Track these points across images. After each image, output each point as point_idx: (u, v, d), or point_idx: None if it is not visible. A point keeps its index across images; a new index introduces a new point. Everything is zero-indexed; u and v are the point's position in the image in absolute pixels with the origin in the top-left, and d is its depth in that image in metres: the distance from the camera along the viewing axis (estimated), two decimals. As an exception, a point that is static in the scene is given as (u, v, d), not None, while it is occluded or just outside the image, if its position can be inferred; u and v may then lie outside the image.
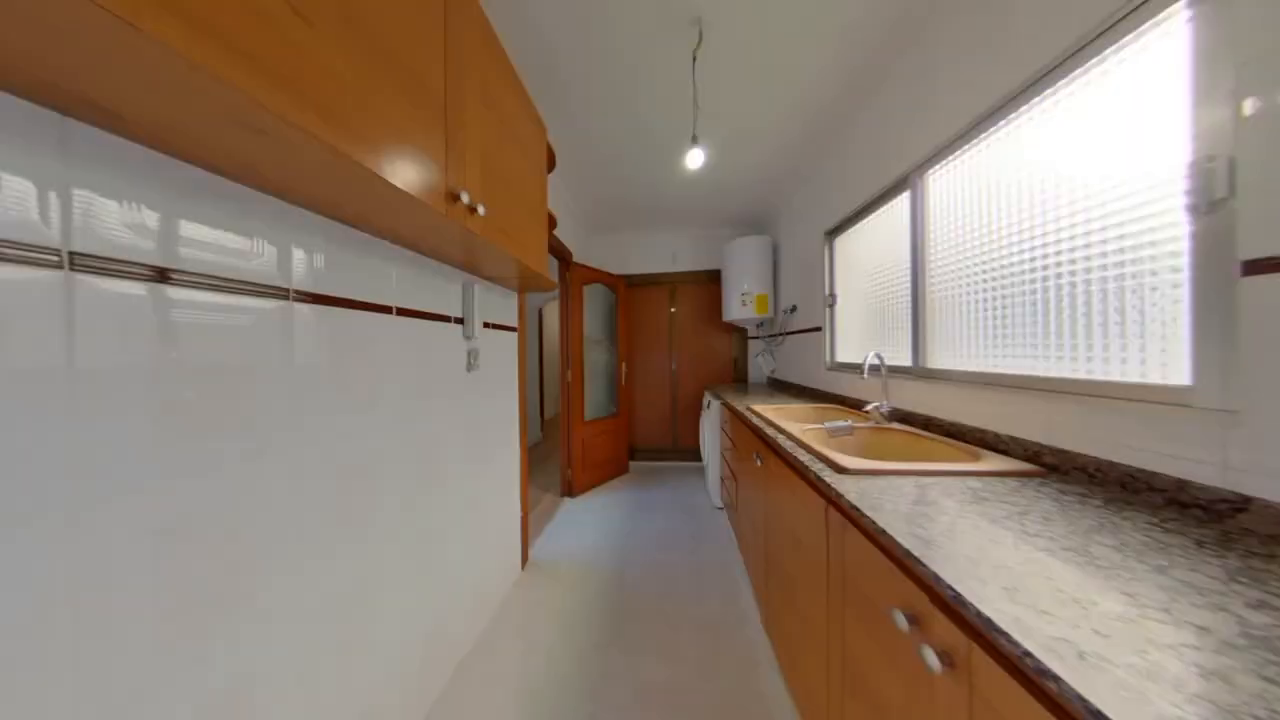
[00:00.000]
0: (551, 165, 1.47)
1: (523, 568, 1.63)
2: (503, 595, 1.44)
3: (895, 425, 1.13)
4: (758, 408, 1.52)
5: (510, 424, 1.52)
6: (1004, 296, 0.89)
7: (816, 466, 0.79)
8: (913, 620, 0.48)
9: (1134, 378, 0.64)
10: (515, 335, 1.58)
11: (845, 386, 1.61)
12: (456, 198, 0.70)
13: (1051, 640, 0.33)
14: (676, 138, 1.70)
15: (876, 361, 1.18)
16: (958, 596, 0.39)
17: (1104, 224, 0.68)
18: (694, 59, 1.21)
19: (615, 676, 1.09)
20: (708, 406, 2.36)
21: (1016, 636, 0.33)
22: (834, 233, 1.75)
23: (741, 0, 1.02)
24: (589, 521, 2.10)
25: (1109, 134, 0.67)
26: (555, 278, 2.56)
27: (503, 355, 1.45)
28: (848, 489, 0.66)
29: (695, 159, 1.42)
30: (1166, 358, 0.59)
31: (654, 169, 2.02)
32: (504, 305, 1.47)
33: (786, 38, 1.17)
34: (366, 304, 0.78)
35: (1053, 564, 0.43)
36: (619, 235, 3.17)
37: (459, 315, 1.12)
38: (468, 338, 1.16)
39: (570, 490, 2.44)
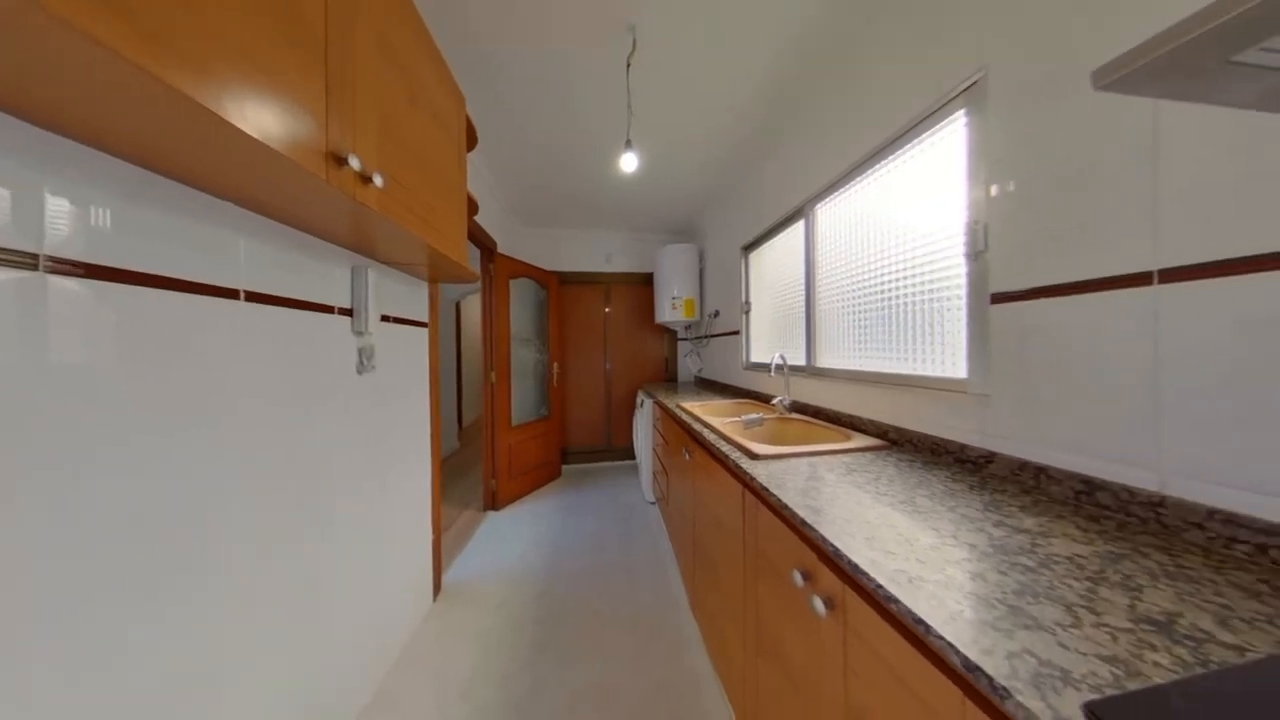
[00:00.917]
0: (473, 143, 1.33)
1: (435, 597, 1.43)
2: (410, 631, 1.24)
3: (794, 415, 1.35)
4: (686, 405, 1.63)
5: (419, 433, 1.31)
6: (866, 311, 1.15)
7: (735, 455, 0.89)
8: (806, 576, 0.57)
9: (939, 373, 0.88)
10: (426, 331, 1.38)
11: (758, 383, 1.85)
12: (342, 161, 0.58)
13: (894, 572, 0.43)
14: (612, 139, 1.71)
15: (781, 361, 1.38)
16: (836, 551, 0.49)
17: (924, 261, 0.93)
18: (628, 65, 1.24)
19: (545, 689, 1.04)
20: (641, 405, 2.43)
21: (872, 574, 0.43)
22: (749, 248, 1.99)
23: (672, 14, 1.09)
24: (516, 534, 1.96)
25: (924, 196, 0.93)
26: (477, 269, 2.31)
27: (409, 354, 1.25)
28: (759, 473, 0.76)
29: (629, 163, 1.45)
30: (956, 359, 0.84)
31: (589, 166, 1.99)
32: (411, 296, 1.26)
33: (714, 65, 1.29)
34: (194, 284, 0.58)
35: (894, 514, 0.57)
36: (553, 230, 3.04)
37: (346, 305, 0.93)
38: (359, 333, 0.96)
39: (494, 503, 2.23)
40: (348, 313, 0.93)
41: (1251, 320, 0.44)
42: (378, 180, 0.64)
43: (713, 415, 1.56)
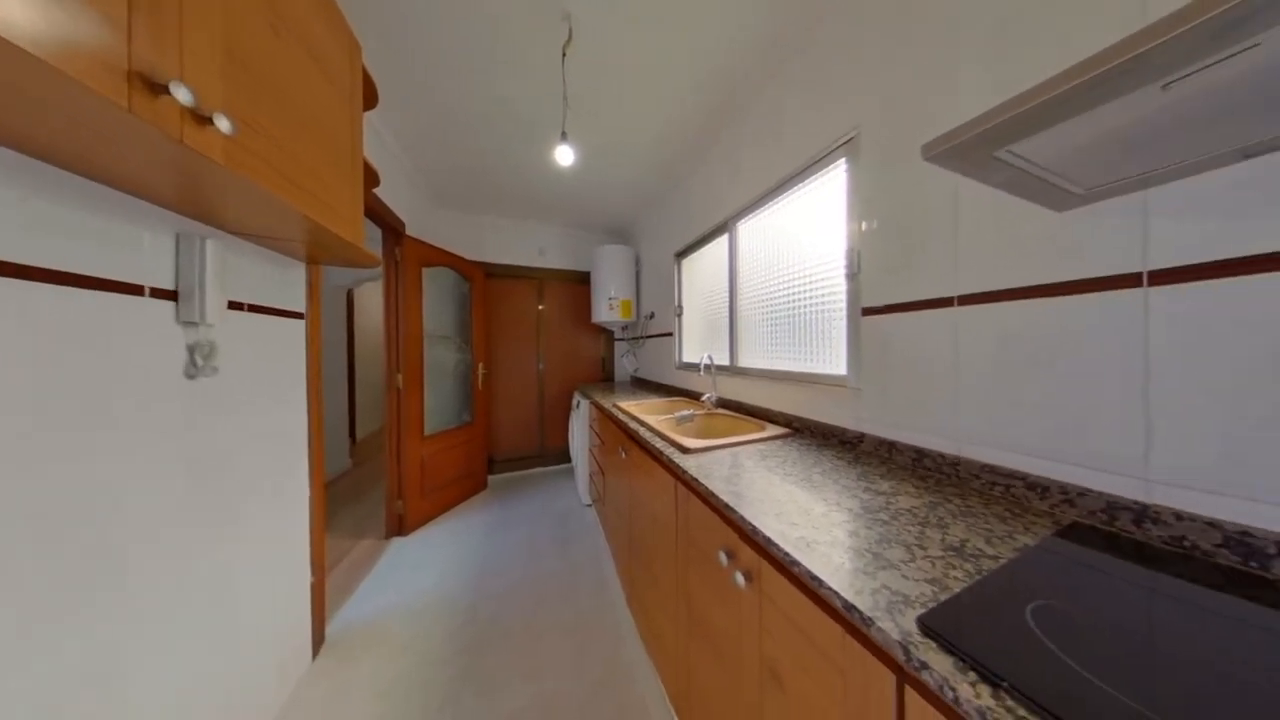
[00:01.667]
0: (371, 100, 1.11)
1: (315, 655, 1.16)
2: (279, 705, 0.98)
3: (720, 411, 1.48)
4: (623, 404, 1.65)
5: (288, 453, 1.05)
6: (776, 317, 1.33)
7: (668, 451, 0.93)
8: (730, 555, 0.64)
9: (829, 371, 1.07)
10: (303, 324, 1.11)
11: (690, 382, 1.98)
12: (159, 88, 0.43)
13: (796, 540, 0.51)
14: (548, 129, 1.62)
15: (708, 362, 1.51)
16: (754, 529, 0.56)
17: (820, 278, 1.12)
18: (564, 54, 1.20)
19: (469, 728, 0.94)
20: (577, 406, 2.37)
21: (781, 544, 0.50)
22: (682, 254, 2.11)
23: (609, 14, 1.08)
24: (429, 560, 1.71)
25: (821, 224, 1.11)
26: (379, 252, 1.94)
27: (275, 352, 0.99)
28: (689, 465, 0.82)
29: (565, 156, 1.40)
30: (839, 359, 1.03)
31: (522, 154, 1.86)
32: (280, 279, 1.00)
33: (651, 76, 1.33)
34: None
35: (796, 491, 0.68)
36: (478, 217, 2.75)
37: (167, 286, 0.69)
38: (189, 323, 0.72)
39: (401, 527, 1.92)
40: (170, 295, 0.69)
41: (1008, 333, 0.65)
42: (223, 124, 0.49)
43: (648, 413, 1.61)
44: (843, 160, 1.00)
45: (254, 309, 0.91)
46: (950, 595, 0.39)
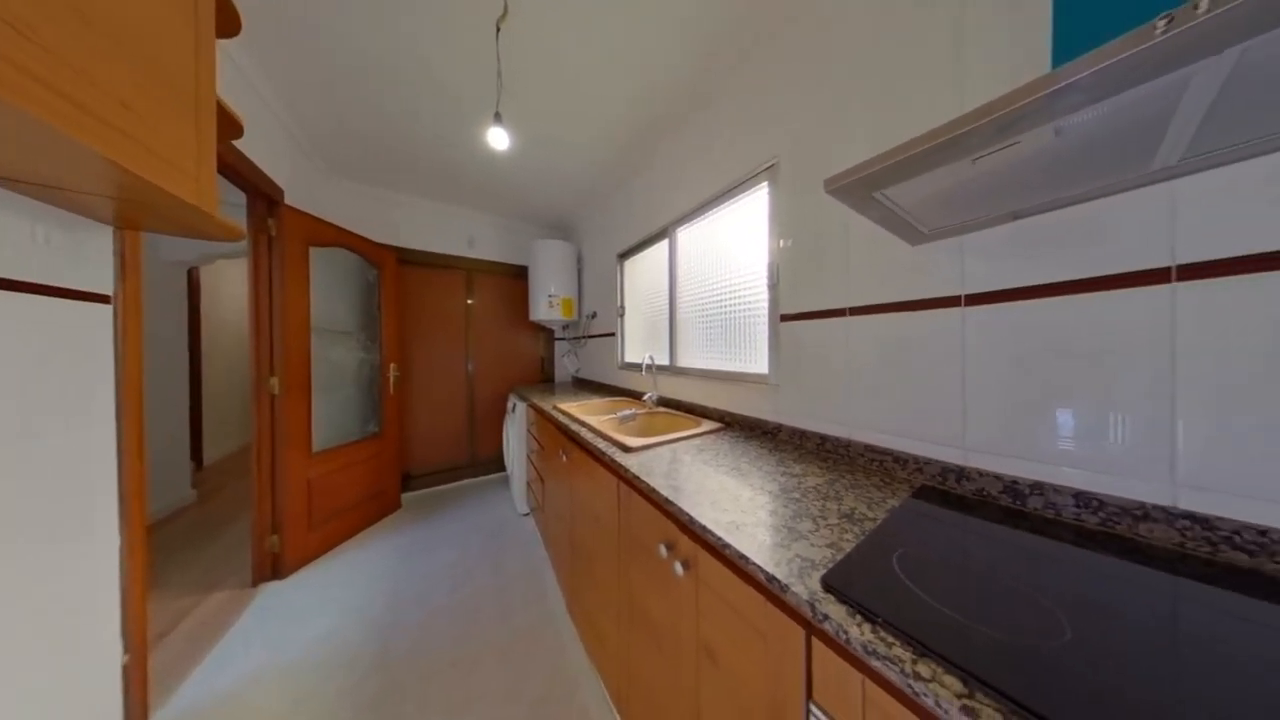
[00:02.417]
0: (230, 25, 0.86)
1: (135, 757, 0.86)
2: None
3: (661, 409, 1.54)
4: (563, 406, 1.59)
5: (84, 487, 0.76)
6: (711, 320, 1.43)
7: (610, 451, 0.93)
8: (669, 547, 0.67)
9: (754, 370, 1.20)
10: (110, 310, 0.81)
11: (632, 381, 2.01)
12: None
13: (728, 525, 0.56)
14: (477, 105, 1.48)
15: (650, 362, 1.56)
16: (691, 519, 0.59)
17: (748, 285, 1.24)
18: (498, 29, 1.11)
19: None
20: (512, 410, 2.22)
21: (715, 530, 0.54)
22: (624, 255, 2.14)
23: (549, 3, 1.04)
24: (321, 602, 1.42)
25: (750, 236, 1.24)
26: (244, 222, 1.52)
27: (52, 347, 0.70)
28: (631, 463, 0.83)
29: (499, 139, 1.29)
30: (762, 359, 1.17)
31: (448, 128, 1.65)
32: (69, 248, 0.72)
33: (594, 71, 1.31)
34: None
35: (727, 480, 0.74)
36: (392, 194, 2.36)
37: None
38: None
39: (276, 569, 1.55)
40: None
41: (881, 339, 0.81)
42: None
43: (590, 414, 1.59)
44: (765, 184, 1.13)
45: (11, 286, 0.63)
46: (844, 555, 0.47)
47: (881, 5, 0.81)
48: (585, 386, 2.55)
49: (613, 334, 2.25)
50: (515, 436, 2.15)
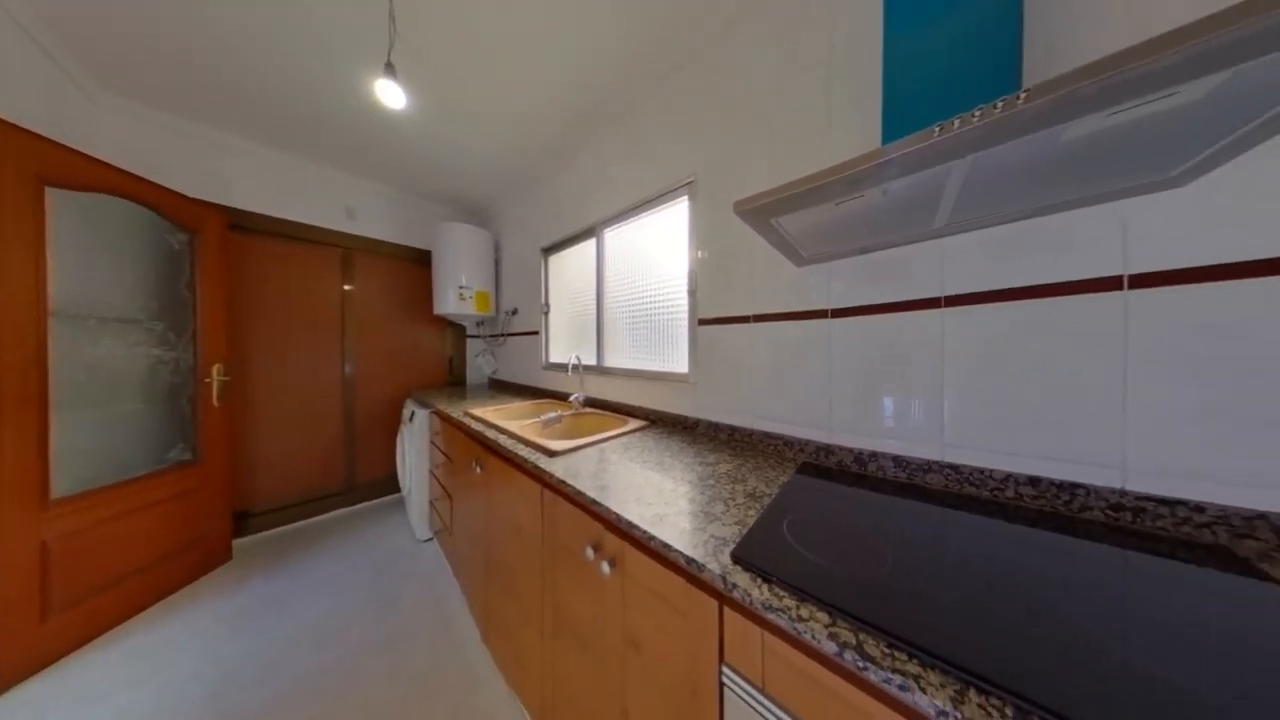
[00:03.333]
0: None
1: None
2: None
3: (588, 410, 1.52)
4: (478, 411, 1.43)
5: None
6: (636, 321, 1.48)
7: (534, 457, 0.88)
8: (596, 548, 0.66)
9: (675, 369, 1.29)
10: None
11: (557, 382, 1.92)
12: None
13: (653, 518, 0.58)
14: (361, 46, 1.20)
15: (577, 361, 1.52)
16: (618, 516, 0.60)
17: (671, 290, 1.32)
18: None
19: None
20: (409, 419, 1.89)
21: (640, 524, 0.56)
22: (550, 250, 2.04)
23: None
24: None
25: (674, 243, 1.32)
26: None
27: None
28: (556, 468, 0.80)
29: (391, 95, 1.08)
30: (683, 359, 1.26)
31: (309, 61, 1.30)
32: None
33: (517, 49, 1.21)
34: None
35: (652, 474, 0.78)
36: (219, 135, 1.73)
37: None
38: None
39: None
40: None
41: (774, 341, 0.96)
42: None
43: (510, 419, 1.47)
44: (685, 198, 1.22)
45: None
46: (748, 530, 0.54)
47: (777, 73, 0.96)
48: (504, 389, 2.34)
49: (536, 332, 2.12)
50: (413, 450, 1.84)
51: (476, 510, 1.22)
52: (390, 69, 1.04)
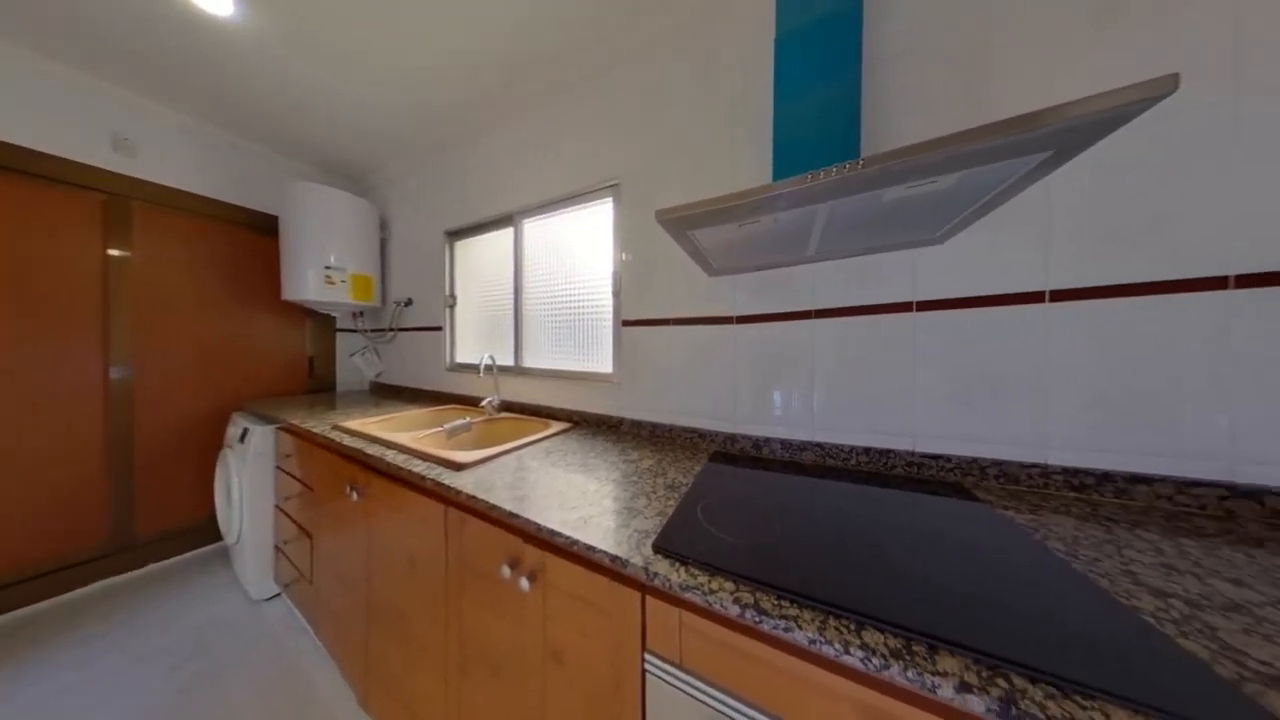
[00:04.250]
0: None
1: None
2: None
3: (504, 415, 1.39)
4: (354, 424, 1.16)
5: None
6: (559, 320, 1.42)
7: (434, 473, 0.76)
8: (514, 565, 0.61)
9: (600, 369, 1.29)
10: None
11: (466, 385, 1.70)
12: None
13: (576, 521, 0.57)
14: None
15: (490, 362, 1.37)
16: (539, 527, 0.57)
17: (596, 289, 1.31)
18: None
19: None
20: (241, 440, 1.41)
21: (563, 530, 0.54)
22: (456, 235, 1.78)
23: None
24: None
25: (599, 242, 1.31)
26: None
27: None
28: (465, 483, 0.71)
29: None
30: (607, 360, 1.27)
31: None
32: None
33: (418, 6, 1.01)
34: None
35: (576, 477, 0.76)
36: None
37: None
38: None
39: None
40: None
41: (689, 343, 1.05)
42: None
43: (403, 430, 1.23)
44: (610, 199, 1.23)
45: None
46: (668, 519, 0.58)
47: (694, 101, 1.05)
48: (393, 395, 1.96)
49: (439, 328, 1.83)
50: (247, 481, 1.38)
51: (353, 547, 0.99)
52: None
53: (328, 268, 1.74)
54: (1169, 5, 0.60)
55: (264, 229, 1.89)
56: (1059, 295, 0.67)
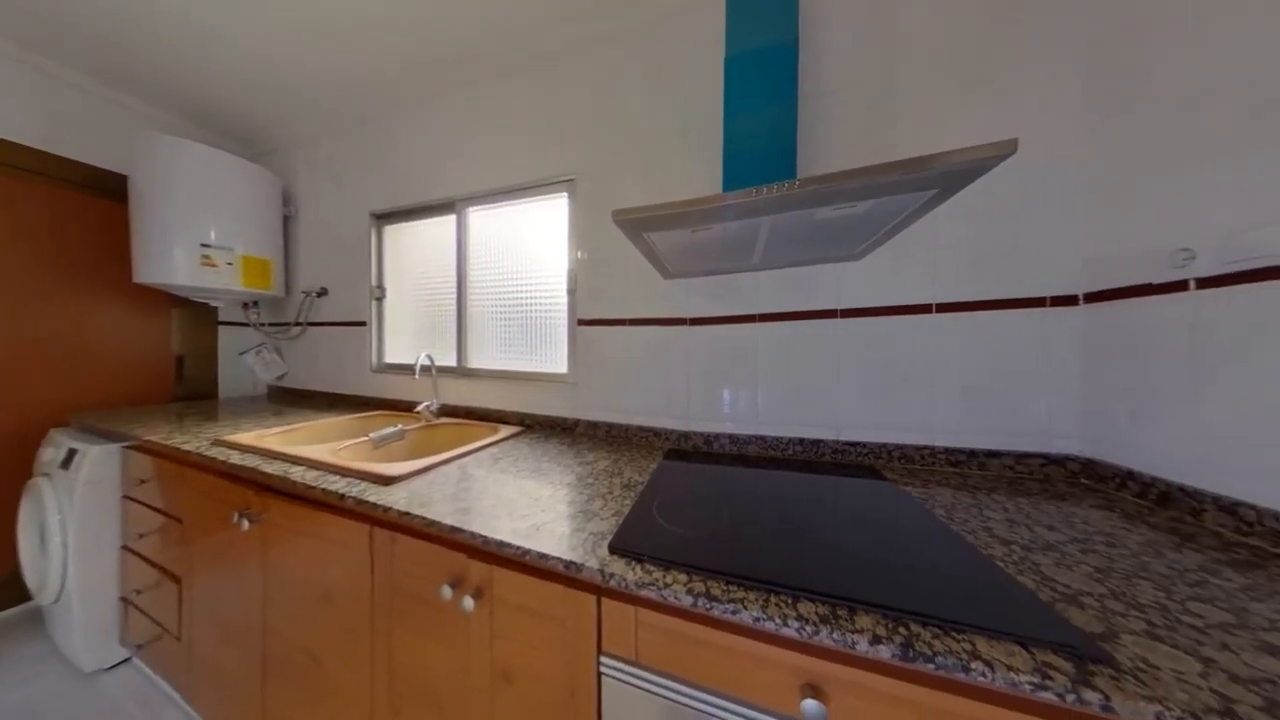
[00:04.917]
0: None
1: None
2: None
3: (444, 420, 1.26)
4: (246, 438, 0.96)
5: None
6: (509, 318, 1.34)
7: (357, 489, 0.66)
8: (455, 584, 0.56)
9: (553, 370, 1.24)
10: None
11: (396, 389, 1.51)
12: None
13: (528, 529, 0.54)
14: None
15: (428, 362, 1.23)
16: (485, 540, 0.53)
17: (549, 287, 1.26)
18: None
19: None
20: (65, 465, 1.07)
21: (512, 541, 0.51)
22: (385, 219, 1.57)
23: None
24: None
25: (553, 239, 1.26)
26: None
27: None
28: (397, 498, 0.63)
29: None
30: (562, 359, 1.23)
31: None
32: None
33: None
34: None
35: (527, 483, 0.72)
36: None
37: None
38: None
39: None
40: None
41: (645, 343, 1.06)
42: None
43: (315, 442, 1.05)
44: (565, 195, 1.20)
45: None
46: (624, 519, 0.58)
47: (648, 103, 1.07)
48: (302, 400, 1.67)
49: (363, 323, 1.60)
50: (76, 519, 1.06)
51: (242, 587, 0.81)
52: None
53: (205, 245, 1.41)
54: (1010, 86, 0.77)
55: (108, 191, 1.46)
56: (943, 307, 0.82)
